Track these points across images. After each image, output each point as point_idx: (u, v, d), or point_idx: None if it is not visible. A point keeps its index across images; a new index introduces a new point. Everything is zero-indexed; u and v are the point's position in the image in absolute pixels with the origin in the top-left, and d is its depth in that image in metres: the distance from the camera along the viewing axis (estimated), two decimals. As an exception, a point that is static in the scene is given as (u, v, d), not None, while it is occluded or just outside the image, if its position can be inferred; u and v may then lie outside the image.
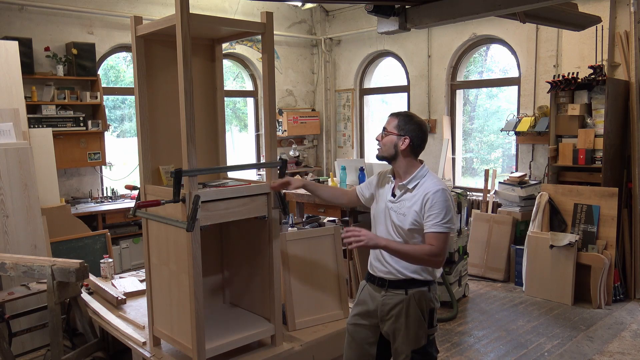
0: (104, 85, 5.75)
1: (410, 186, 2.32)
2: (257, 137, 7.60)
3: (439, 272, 2.42)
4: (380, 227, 2.42)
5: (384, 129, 2.38)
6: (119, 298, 3.41)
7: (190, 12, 2.24)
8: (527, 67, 5.74)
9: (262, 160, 7.29)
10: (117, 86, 6.61)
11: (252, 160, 7.58)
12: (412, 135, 2.31)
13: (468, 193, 5.72)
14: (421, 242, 2.30)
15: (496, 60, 6.81)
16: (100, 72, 5.87)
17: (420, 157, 2.42)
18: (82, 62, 5.47)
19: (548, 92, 5.26)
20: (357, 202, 2.63)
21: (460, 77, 6.57)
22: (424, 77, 6.74)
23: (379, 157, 2.42)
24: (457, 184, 6.52)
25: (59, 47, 5.51)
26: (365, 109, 7.77)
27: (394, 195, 2.37)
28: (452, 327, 4.30)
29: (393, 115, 2.39)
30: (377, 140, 2.41)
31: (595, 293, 4.66)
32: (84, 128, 5.47)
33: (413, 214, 2.27)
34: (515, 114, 5.85)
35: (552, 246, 4.80)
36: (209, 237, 2.87)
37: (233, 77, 7.75)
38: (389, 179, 2.44)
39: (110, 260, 3.99)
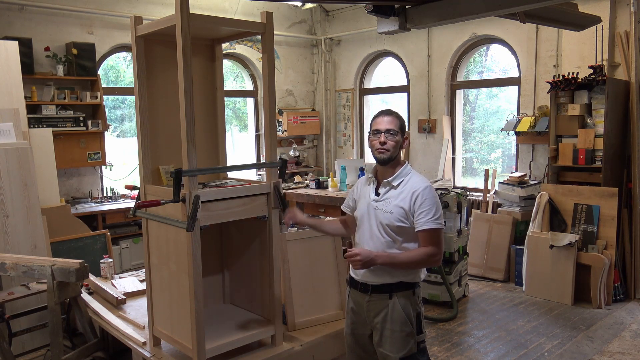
0: (104, 85, 5.75)
1: (395, 183, 2.30)
2: (257, 137, 7.60)
3: (424, 274, 2.37)
4: (364, 227, 2.36)
5: (390, 130, 2.26)
6: (119, 298, 3.40)
7: (190, 12, 2.24)
8: (527, 67, 5.74)
9: (262, 160, 7.29)
10: (117, 86, 6.61)
11: (252, 160, 7.58)
12: (407, 133, 2.38)
13: (468, 193, 5.72)
14: (409, 240, 2.26)
15: (496, 60, 6.81)
16: (100, 72, 5.87)
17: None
18: (82, 62, 5.47)
19: (548, 92, 5.26)
20: (354, 220, 2.49)
21: (460, 77, 6.57)
22: (424, 77, 6.74)
23: (385, 161, 2.29)
24: (457, 184, 6.51)
25: (59, 47, 5.51)
26: (365, 109, 7.76)
27: (377, 194, 2.34)
28: (452, 327, 4.30)
29: (389, 114, 2.32)
30: (382, 143, 2.27)
31: (595, 293, 4.66)
32: (84, 128, 5.47)
33: (400, 211, 2.24)
34: (515, 114, 5.85)
35: (552, 246, 4.80)
36: (209, 237, 2.87)
37: (233, 77, 7.75)
38: (371, 179, 2.42)
39: (110, 260, 3.99)
